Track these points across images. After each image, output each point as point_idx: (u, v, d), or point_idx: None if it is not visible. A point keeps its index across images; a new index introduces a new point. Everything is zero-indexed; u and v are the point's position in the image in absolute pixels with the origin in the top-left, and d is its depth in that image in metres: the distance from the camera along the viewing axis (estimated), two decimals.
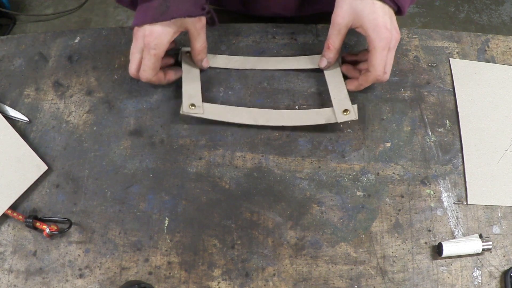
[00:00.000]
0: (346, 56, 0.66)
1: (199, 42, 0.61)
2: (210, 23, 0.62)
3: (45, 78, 0.66)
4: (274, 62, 0.66)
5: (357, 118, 0.59)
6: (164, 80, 0.63)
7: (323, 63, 0.64)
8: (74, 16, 1.83)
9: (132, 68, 0.60)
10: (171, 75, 0.64)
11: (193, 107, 0.60)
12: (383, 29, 0.56)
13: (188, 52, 0.65)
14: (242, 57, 0.67)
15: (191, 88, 0.62)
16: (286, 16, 0.77)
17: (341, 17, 0.58)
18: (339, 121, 0.60)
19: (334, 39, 0.60)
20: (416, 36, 0.70)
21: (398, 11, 0.59)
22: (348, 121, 0.60)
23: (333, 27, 0.60)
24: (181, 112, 0.60)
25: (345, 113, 0.60)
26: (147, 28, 0.57)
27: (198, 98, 0.62)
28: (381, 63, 0.57)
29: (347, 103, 0.61)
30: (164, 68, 0.63)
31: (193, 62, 0.65)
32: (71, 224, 0.55)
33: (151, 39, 0.57)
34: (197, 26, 0.59)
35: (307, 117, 0.61)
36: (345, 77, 0.64)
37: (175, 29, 0.58)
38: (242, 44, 0.69)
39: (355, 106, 0.60)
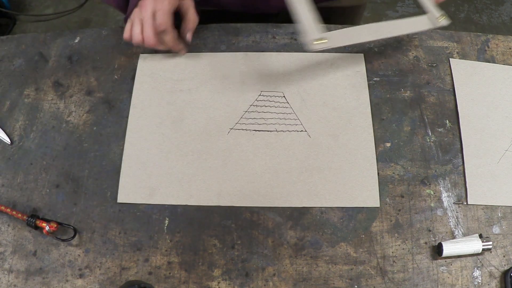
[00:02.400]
0: None
1: (191, 11, 0.64)
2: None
3: (45, 78, 0.66)
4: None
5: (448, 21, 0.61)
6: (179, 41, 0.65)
7: None
8: (74, 16, 1.83)
9: (135, 32, 0.61)
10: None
11: (320, 41, 0.58)
12: None
13: None
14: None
15: (308, 17, 0.58)
16: (287, 11, 0.77)
17: None
18: (439, 25, 0.61)
19: None
20: (416, 36, 0.70)
21: None
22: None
23: None
24: (308, 46, 0.57)
25: (442, 18, 0.62)
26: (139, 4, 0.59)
27: (318, 28, 0.58)
28: None
29: (436, 9, 0.62)
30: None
31: None
32: (75, 233, 0.55)
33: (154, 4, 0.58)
34: (189, 3, 0.63)
35: (410, 25, 0.62)
36: None
37: (173, 2, 0.60)
38: (242, 44, 0.69)
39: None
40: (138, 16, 0.60)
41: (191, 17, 0.64)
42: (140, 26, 0.60)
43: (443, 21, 0.61)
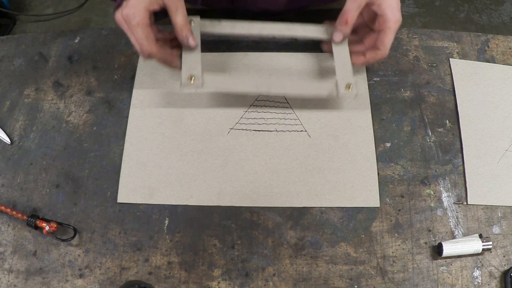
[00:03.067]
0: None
1: (179, 15, 0.57)
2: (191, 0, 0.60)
3: (45, 78, 0.66)
4: (282, 27, 0.64)
5: (356, 94, 0.59)
6: (176, 58, 0.60)
7: (338, 37, 0.62)
8: (74, 16, 1.83)
9: (138, 51, 0.57)
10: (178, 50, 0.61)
11: (192, 79, 0.58)
12: (397, 11, 0.57)
13: (190, 21, 0.62)
14: (247, 22, 0.63)
15: (191, 59, 0.59)
16: (274, 11, 0.76)
17: None
18: (340, 96, 0.59)
19: (354, 13, 0.59)
20: (416, 36, 0.70)
21: None
22: (349, 97, 0.60)
23: (353, 2, 0.59)
24: (179, 88, 0.58)
25: (348, 89, 0.59)
26: (123, 4, 0.54)
27: (198, 70, 0.59)
28: (391, 42, 0.59)
29: (351, 78, 0.60)
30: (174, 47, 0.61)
31: (194, 33, 0.61)
32: (75, 233, 0.55)
33: (127, 10, 0.54)
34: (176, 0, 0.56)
35: (310, 86, 0.60)
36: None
37: (152, 1, 0.55)
38: (242, 44, 0.69)
39: (358, 83, 0.60)
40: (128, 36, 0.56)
41: (178, 22, 0.58)
42: (136, 46, 0.56)
43: (349, 93, 0.59)
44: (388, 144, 0.62)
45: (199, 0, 0.67)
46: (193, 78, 0.58)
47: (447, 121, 0.63)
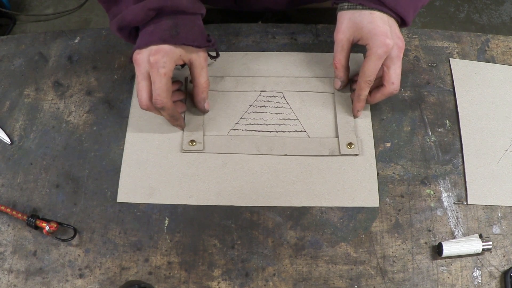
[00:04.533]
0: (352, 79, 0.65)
1: (204, 76, 0.57)
2: (212, 56, 0.61)
3: (45, 78, 0.66)
4: (285, 82, 0.65)
5: (358, 154, 0.60)
6: (181, 117, 0.60)
7: (338, 85, 0.63)
8: (74, 16, 1.83)
9: (142, 98, 0.55)
10: (182, 107, 0.61)
11: (193, 144, 0.60)
12: (382, 36, 0.54)
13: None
14: (250, 77, 0.65)
15: (193, 122, 0.61)
16: (277, 10, 0.76)
17: (341, 33, 0.58)
18: (342, 153, 0.60)
19: (340, 56, 0.59)
20: (416, 36, 0.70)
21: (402, 23, 0.58)
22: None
23: (336, 44, 0.59)
24: (181, 150, 0.60)
25: (349, 147, 0.60)
26: (153, 48, 0.53)
27: (199, 134, 0.61)
28: (375, 68, 0.56)
29: (353, 137, 0.60)
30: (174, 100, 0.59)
31: None
32: (75, 233, 0.55)
33: (159, 56, 0.53)
34: (202, 58, 0.56)
35: (311, 147, 0.60)
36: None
37: (180, 55, 0.55)
38: (242, 44, 0.69)
39: (360, 140, 0.60)
40: (138, 77, 0.55)
41: (202, 82, 0.57)
42: (143, 93, 0.55)
43: (350, 151, 0.59)
44: (388, 144, 0.62)
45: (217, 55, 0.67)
46: (194, 143, 0.60)
47: (447, 121, 0.63)
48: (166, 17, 0.54)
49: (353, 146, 0.60)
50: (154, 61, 0.53)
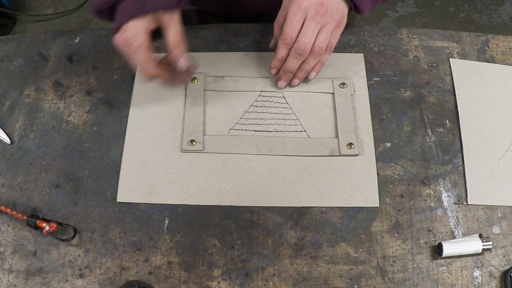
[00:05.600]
0: None
1: (172, 32, 0.56)
2: (188, 21, 0.61)
3: (45, 78, 0.66)
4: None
5: (358, 154, 0.60)
6: (179, 75, 0.60)
7: (282, 85, 0.64)
8: (74, 16, 1.83)
9: (141, 72, 0.58)
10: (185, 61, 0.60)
11: (193, 144, 0.60)
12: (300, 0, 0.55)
13: (194, 78, 0.64)
14: (250, 78, 0.65)
15: (193, 122, 0.62)
16: (271, 14, 0.76)
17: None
18: (342, 153, 0.60)
19: (279, 17, 0.61)
20: (416, 36, 0.70)
21: (356, 9, 0.60)
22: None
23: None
24: (180, 150, 0.60)
25: (349, 147, 0.60)
26: (122, 28, 0.54)
27: (199, 133, 0.61)
28: (291, 28, 0.57)
29: (353, 137, 0.61)
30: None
31: (198, 92, 0.64)
32: (75, 233, 0.55)
33: (127, 34, 0.54)
34: (171, 18, 0.55)
35: (311, 147, 0.60)
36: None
37: (149, 23, 0.55)
38: (242, 44, 0.69)
39: (360, 140, 0.61)
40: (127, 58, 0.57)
41: (171, 39, 0.56)
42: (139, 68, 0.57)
43: (350, 151, 0.60)
44: (388, 144, 0.62)
45: (195, 20, 0.66)
46: (194, 143, 0.60)
47: (447, 121, 0.63)
48: None
49: (353, 146, 0.60)
50: (124, 40, 0.54)
